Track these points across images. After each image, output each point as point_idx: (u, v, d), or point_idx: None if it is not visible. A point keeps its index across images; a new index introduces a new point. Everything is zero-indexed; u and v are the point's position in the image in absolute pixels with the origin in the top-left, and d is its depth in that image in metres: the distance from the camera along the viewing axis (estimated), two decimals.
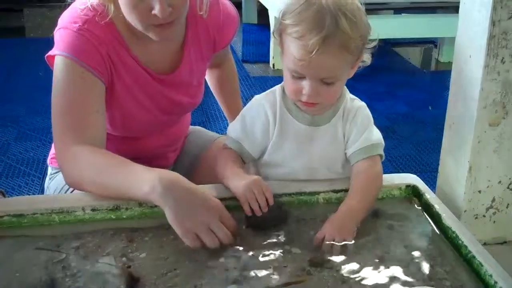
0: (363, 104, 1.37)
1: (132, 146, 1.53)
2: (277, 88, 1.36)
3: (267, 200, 1.22)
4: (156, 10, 1.25)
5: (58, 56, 1.33)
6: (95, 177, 1.27)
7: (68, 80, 1.33)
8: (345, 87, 1.34)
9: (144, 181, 1.19)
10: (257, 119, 1.35)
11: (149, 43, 1.39)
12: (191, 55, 1.49)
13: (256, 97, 1.39)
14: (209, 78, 1.81)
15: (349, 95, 1.36)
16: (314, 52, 1.16)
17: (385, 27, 4.40)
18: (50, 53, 1.36)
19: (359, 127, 1.33)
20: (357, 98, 1.37)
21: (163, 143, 1.62)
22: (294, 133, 1.34)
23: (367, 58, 1.28)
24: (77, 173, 1.30)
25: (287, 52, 1.24)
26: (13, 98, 3.67)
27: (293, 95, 1.28)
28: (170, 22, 1.30)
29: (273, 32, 1.29)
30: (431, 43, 4.74)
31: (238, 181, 1.25)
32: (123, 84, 1.41)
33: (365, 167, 1.32)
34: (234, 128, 1.38)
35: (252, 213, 1.21)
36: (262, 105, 1.35)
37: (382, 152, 1.35)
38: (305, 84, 1.23)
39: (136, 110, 1.46)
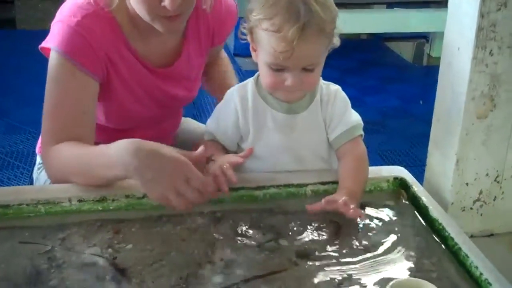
0: (338, 87, 1.38)
1: (124, 138, 1.52)
2: (250, 80, 1.36)
3: None
4: (166, 2, 1.25)
5: (54, 51, 1.33)
6: (71, 165, 1.28)
7: (60, 79, 1.33)
8: None
9: (113, 162, 1.20)
10: (227, 113, 1.37)
11: (150, 36, 1.39)
12: (190, 48, 1.49)
13: (229, 90, 1.40)
14: (207, 78, 1.74)
15: (321, 81, 1.37)
16: (295, 42, 1.17)
17: (377, 21, 4.41)
18: (45, 44, 1.36)
19: (338, 111, 1.34)
20: (330, 82, 1.38)
21: (155, 135, 1.60)
22: (272, 122, 1.34)
23: (336, 41, 1.29)
24: (60, 171, 1.31)
25: (264, 47, 1.23)
26: (3, 91, 3.65)
27: (273, 88, 1.29)
28: (177, 15, 1.30)
29: (240, 31, 1.29)
30: (423, 38, 4.74)
31: None
32: (120, 79, 1.40)
33: (349, 149, 1.33)
34: (210, 121, 1.41)
35: None
36: (232, 99, 1.36)
37: (362, 132, 1.36)
38: (287, 76, 1.24)
39: (132, 103, 1.45)
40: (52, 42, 1.33)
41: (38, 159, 1.64)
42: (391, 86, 4.09)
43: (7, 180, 2.63)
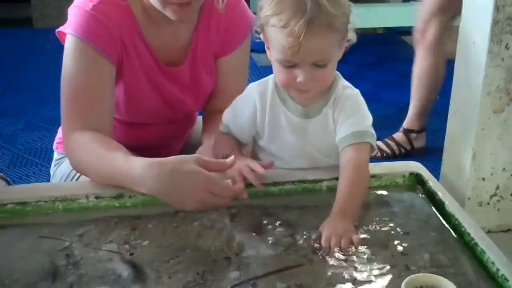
0: (356, 91, 1.33)
1: (137, 133, 1.54)
2: (271, 77, 1.34)
3: None
4: None
5: (69, 35, 1.34)
6: (89, 163, 1.29)
7: (78, 64, 1.34)
8: (340, 74, 1.33)
9: (136, 183, 1.21)
10: (245, 107, 1.36)
11: (163, 26, 1.40)
12: (199, 44, 1.48)
13: (250, 85, 1.39)
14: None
15: (342, 83, 1.33)
16: (301, 37, 1.16)
17: (393, 15, 4.37)
18: (62, 29, 1.38)
19: (346, 113, 1.29)
20: (351, 86, 1.34)
21: (169, 133, 1.62)
22: (287, 124, 1.33)
23: (352, 36, 1.27)
24: (79, 160, 1.31)
25: (273, 44, 1.23)
26: (21, 89, 3.68)
27: (286, 85, 1.27)
28: (189, 2, 1.30)
29: (254, 30, 1.29)
30: None
31: None
32: (131, 67, 1.41)
33: (351, 155, 1.27)
34: (226, 113, 1.39)
35: None
36: (253, 94, 1.35)
37: (371, 141, 1.29)
38: (298, 72, 1.22)
39: (140, 95, 1.46)
40: (69, 27, 1.35)
41: (55, 155, 1.65)
42: (408, 81, 4.05)
43: (25, 177, 2.65)
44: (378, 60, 4.36)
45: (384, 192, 1.32)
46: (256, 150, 1.41)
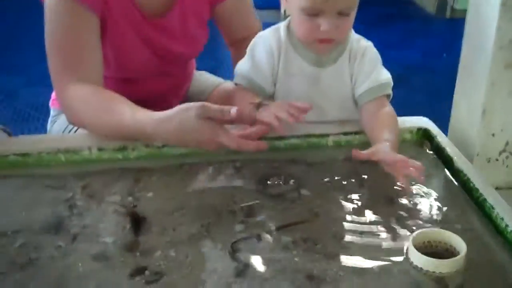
0: (370, 43, 1.34)
1: (130, 89, 1.50)
2: (281, 25, 1.32)
3: None
4: None
5: None
6: (92, 117, 1.26)
7: (61, 16, 1.31)
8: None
9: (140, 127, 1.19)
10: (263, 51, 1.32)
11: None
12: None
13: (260, 33, 1.36)
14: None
15: (354, 35, 1.33)
16: None
17: None
18: None
19: (367, 67, 1.31)
20: (362, 37, 1.34)
21: (164, 87, 1.59)
22: (299, 72, 1.31)
23: None
24: (78, 112, 1.29)
25: None
26: (23, 46, 3.65)
27: (307, 36, 1.25)
28: None
29: None
30: None
31: None
32: (114, 20, 1.38)
33: (375, 107, 1.29)
34: (242, 65, 1.35)
35: None
36: (268, 39, 1.32)
37: (390, 92, 1.32)
38: (322, 20, 1.20)
39: (129, 49, 1.43)
40: None
41: (52, 112, 1.64)
42: (414, 40, 4.03)
43: (27, 131, 2.65)
44: (383, 19, 4.31)
45: None
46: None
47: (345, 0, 1.20)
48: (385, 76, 1.32)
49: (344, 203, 1.12)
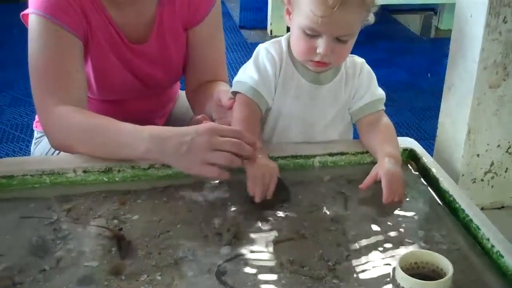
0: (362, 60, 1.37)
1: (115, 110, 1.49)
2: (282, 39, 1.33)
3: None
4: None
5: (32, 14, 1.30)
6: (84, 137, 1.25)
7: (45, 40, 1.30)
8: None
9: (138, 141, 1.18)
10: (267, 61, 1.30)
11: (124, 6, 1.37)
12: (164, 19, 1.44)
13: (261, 45, 1.34)
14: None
15: None
16: (336, 8, 1.15)
17: None
18: (25, 11, 1.33)
19: (366, 81, 1.34)
20: (355, 55, 1.36)
21: (147, 108, 1.58)
22: (296, 88, 1.31)
23: (370, 17, 1.27)
24: (63, 135, 1.27)
25: (302, 9, 1.20)
26: (7, 64, 3.63)
27: (304, 55, 1.25)
28: None
29: None
30: (431, 10, 4.68)
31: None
32: (97, 43, 1.38)
33: (375, 120, 1.33)
34: (248, 75, 1.31)
35: None
36: (270, 51, 1.31)
37: (384, 108, 1.36)
38: (320, 42, 1.21)
39: (110, 71, 1.43)
40: (31, 7, 1.31)
41: (35, 134, 1.63)
42: (399, 59, 4.04)
43: (12, 152, 2.63)
44: (369, 38, 4.32)
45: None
46: None
47: (344, 26, 1.20)
48: (381, 92, 1.36)
49: (330, 224, 1.11)
